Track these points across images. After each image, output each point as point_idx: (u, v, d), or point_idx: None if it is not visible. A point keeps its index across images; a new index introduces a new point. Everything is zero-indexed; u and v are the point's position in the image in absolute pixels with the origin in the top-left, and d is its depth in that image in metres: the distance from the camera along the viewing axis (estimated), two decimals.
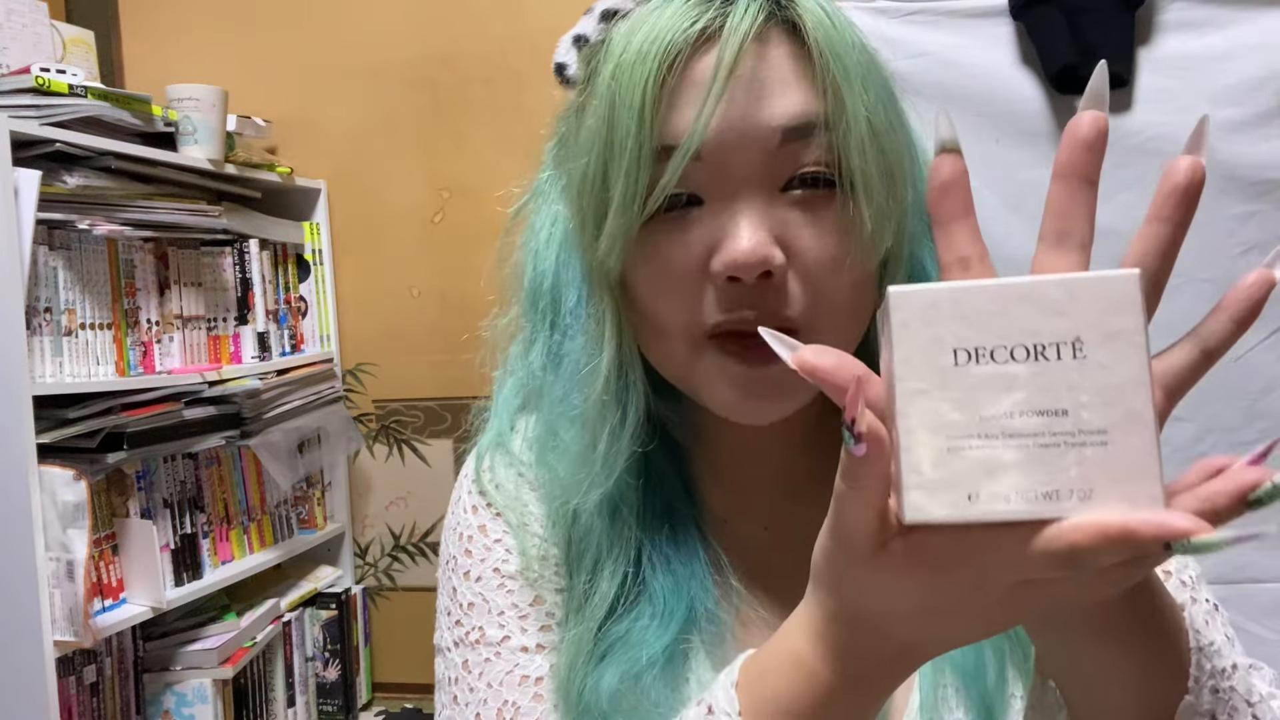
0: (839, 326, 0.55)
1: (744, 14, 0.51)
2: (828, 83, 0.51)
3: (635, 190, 0.52)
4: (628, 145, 0.51)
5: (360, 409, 2.24)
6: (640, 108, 0.51)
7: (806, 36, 0.51)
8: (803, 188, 0.52)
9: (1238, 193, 1.24)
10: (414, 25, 2.17)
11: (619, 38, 0.53)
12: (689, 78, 0.51)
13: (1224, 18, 1.27)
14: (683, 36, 0.51)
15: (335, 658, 2.15)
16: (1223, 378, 1.27)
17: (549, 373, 0.63)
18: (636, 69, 0.51)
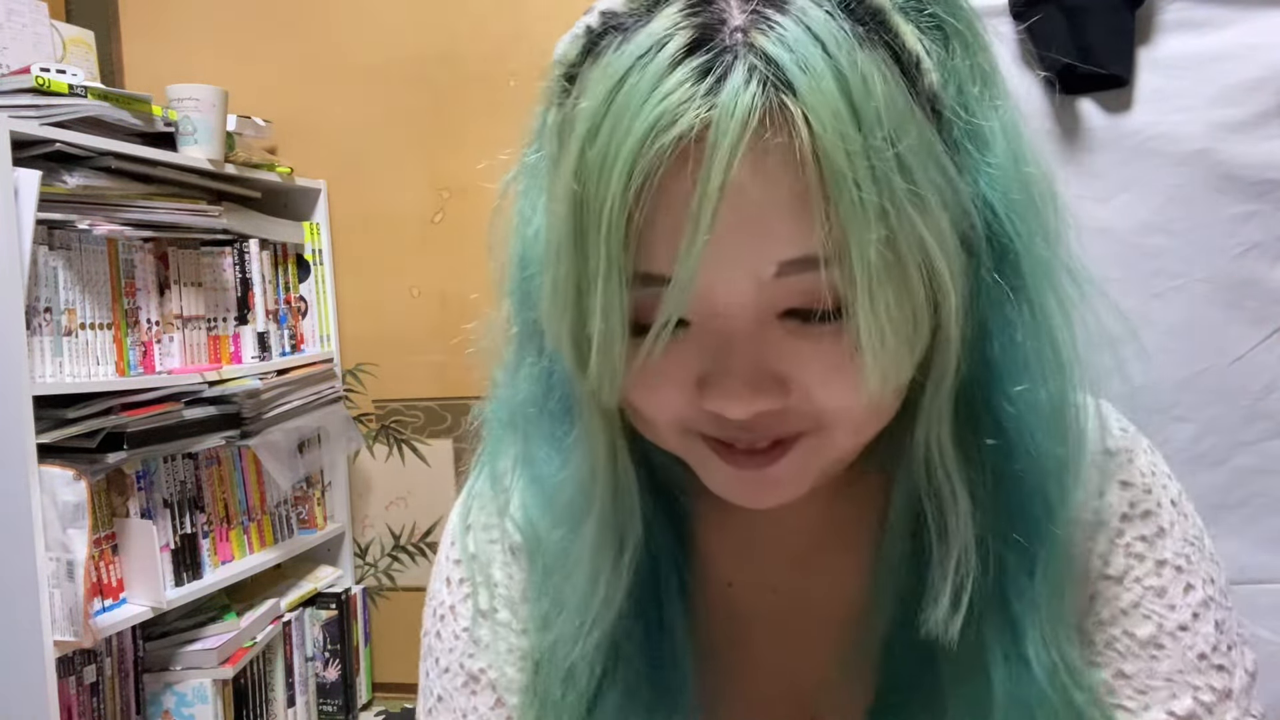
0: (858, 427, 0.48)
1: (734, 115, 0.40)
2: (831, 217, 0.41)
3: (618, 330, 0.44)
4: (598, 275, 0.43)
5: (360, 409, 2.24)
6: (608, 233, 0.42)
7: (809, 154, 0.40)
8: (802, 321, 0.44)
9: (1238, 193, 1.24)
10: (414, 25, 2.17)
11: (586, 109, 0.43)
12: (667, 194, 0.41)
13: (1224, 18, 1.27)
14: (655, 148, 0.41)
15: (335, 658, 2.15)
16: (1223, 378, 1.27)
17: (534, 407, 0.57)
18: (604, 180, 0.42)
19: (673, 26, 0.42)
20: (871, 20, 0.43)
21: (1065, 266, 0.50)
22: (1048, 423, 0.50)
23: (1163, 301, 1.21)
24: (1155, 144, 1.27)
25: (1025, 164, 0.48)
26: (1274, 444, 1.21)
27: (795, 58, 0.40)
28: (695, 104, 0.40)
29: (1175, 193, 1.23)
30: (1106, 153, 1.27)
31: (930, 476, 0.50)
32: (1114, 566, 0.54)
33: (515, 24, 2.10)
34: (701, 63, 0.41)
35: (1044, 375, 0.49)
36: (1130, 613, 0.53)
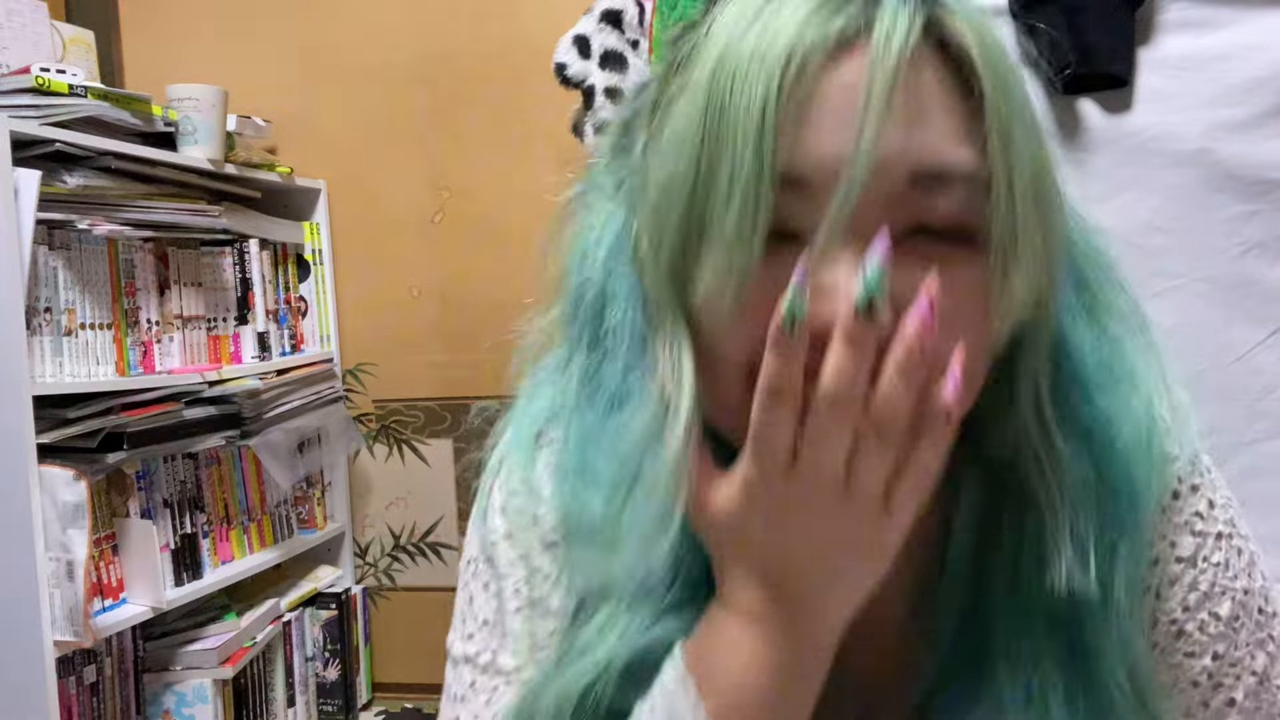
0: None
1: (894, 21, 0.41)
2: (993, 127, 0.42)
3: (754, 226, 0.42)
4: (741, 173, 0.41)
5: (360, 409, 2.24)
6: (759, 129, 0.41)
7: (972, 64, 0.42)
8: (929, 241, 0.43)
9: (1237, 193, 1.24)
10: (414, 25, 2.17)
11: (725, 23, 0.43)
12: (819, 93, 0.41)
13: (1224, 18, 1.26)
14: (816, 41, 0.41)
15: (335, 658, 2.15)
16: (1223, 378, 1.26)
17: (582, 399, 0.55)
18: (753, 75, 0.41)
19: None
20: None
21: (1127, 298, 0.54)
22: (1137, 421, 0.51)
23: (1163, 301, 1.20)
24: (1155, 144, 1.27)
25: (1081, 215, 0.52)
26: (1274, 444, 1.20)
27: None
28: (854, 6, 0.41)
29: (1175, 193, 1.23)
30: (1106, 153, 1.27)
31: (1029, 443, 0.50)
32: (1183, 548, 0.55)
33: (515, 24, 2.10)
34: None
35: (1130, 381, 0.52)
36: (1211, 594, 0.55)
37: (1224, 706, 0.55)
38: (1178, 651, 0.55)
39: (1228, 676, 0.55)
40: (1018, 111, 0.42)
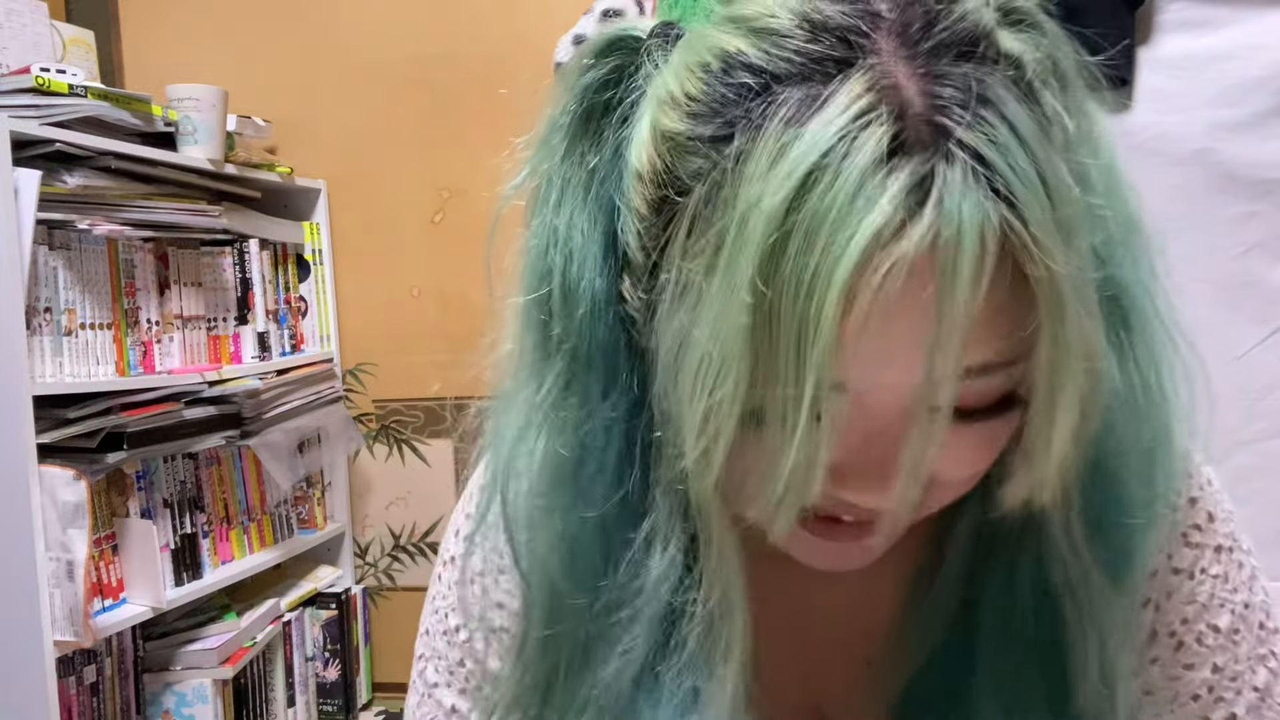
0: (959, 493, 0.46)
1: (971, 235, 0.36)
2: (1050, 336, 0.38)
3: (810, 470, 0.39)
4: (803, 393, 0.38)
5: (360, 409, 2.24)
6: (824, 353, 0.37)
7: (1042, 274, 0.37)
8: (959, 418, 0.41)
9: (1238, 193, 1.24)
10: (414, 25, 2.17)
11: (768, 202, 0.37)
12: (882, 309, 0.37)
13: (1224, 18, 1.26)
14: (879, 267, 0.36)
15: (335, 658, 2.15)
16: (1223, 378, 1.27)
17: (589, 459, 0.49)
18: (812, 295, 0.36)
19: (863, 114, 0.37)
20: (1039, 97, 0.40)
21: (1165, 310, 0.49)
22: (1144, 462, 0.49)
23: None
24: (1155, 144, 1.27)
25: (1124, 201, 0.46)
26: (1274, 444, 1.20)
27: (1009, 161, 0.37)
28: (923, 220, 0.36)
29: (1175, 193, 1.23)
30: None
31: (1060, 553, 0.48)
32: (1179, 559, 0.54)
33: (515, 24, 2.10)
34: (913, 168, 0.36)
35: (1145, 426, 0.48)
36: (1210, 606, 0.54)
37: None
38: (1177, 664, 0.54)
39: (1228, 690, 0.54)
40: (1074, 316, 0.38)
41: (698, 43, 0.43)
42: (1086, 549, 0.48)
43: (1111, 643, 0.49)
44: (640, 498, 0.48)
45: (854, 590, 0.56)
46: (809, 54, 0.39)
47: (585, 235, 0.47)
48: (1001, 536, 0.50)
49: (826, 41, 0.39)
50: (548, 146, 0.49)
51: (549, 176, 0.49)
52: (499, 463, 0.52)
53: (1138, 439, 0.48)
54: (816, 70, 0.38)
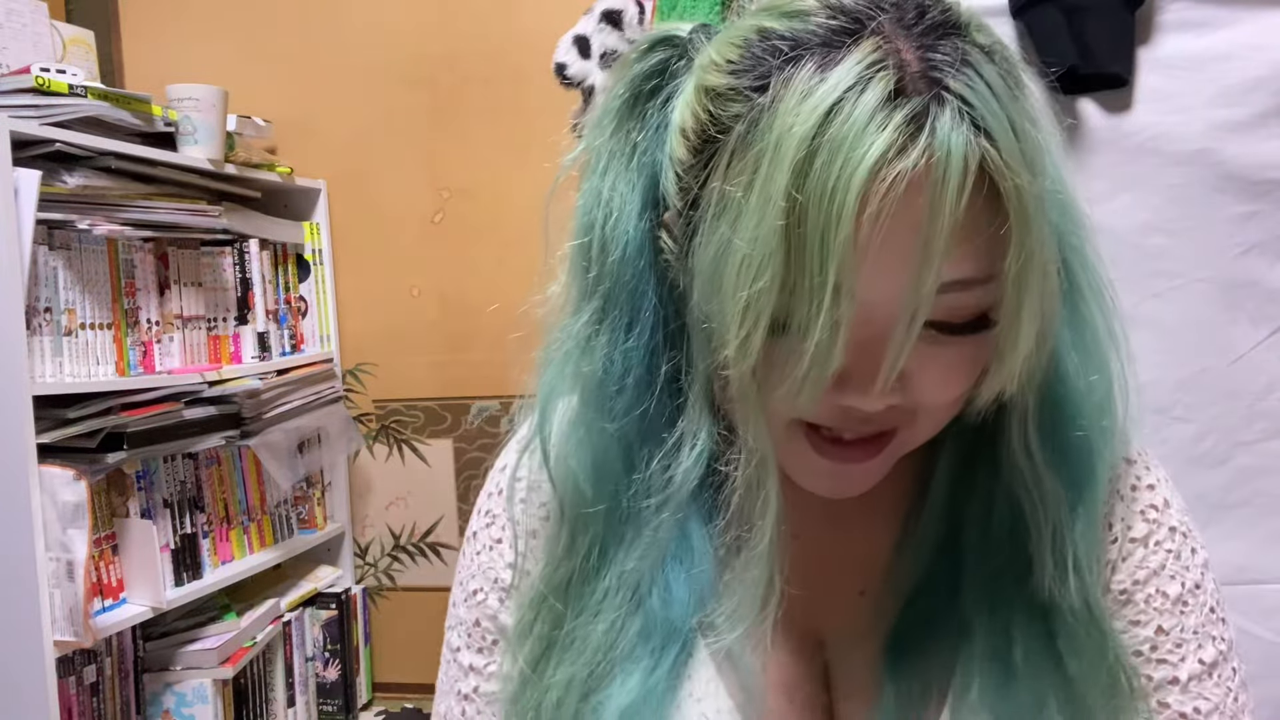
0: (942, 421, 0.55)
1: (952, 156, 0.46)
2: (1021, 242, 0.48)
3: (838, 337, 0.48)
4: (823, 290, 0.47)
5: (360, 409, 2.24)
6: (842, 252, 0.46)
7: (1011, 194, 0.47)
8: (938, 330, 0.50)
9: (1238, 193, 1.24)
10: (414, 25, 2.17)
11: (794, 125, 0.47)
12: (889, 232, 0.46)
13: (1224, 18, 1.26)
14: (885, 179, 0.45)
15: (335, 658, 2.15)
16: (1223, 378, 1.26)
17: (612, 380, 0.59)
18: (833, 204, 0.46)
19: (873, 64, 0.47)
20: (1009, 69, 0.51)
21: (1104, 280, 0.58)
22: (1095, 398, 0.58)
23: (1163, 301, 1.20)
24: (1155, 144, 1.27)
25: (1064, 188, 0.56)
26: (1274, 444, 1.20)
27: (986, 107, 0.47)
28: (919, 144, 0.46)
29: (1175, 193, 1.23)
30: (1106, 153, 1.27)
31: (1018, 460, 0.57)
32: (1136, 530, 0.62)
33: (515, 24, 2.10)
34: (912, 105, 0.46)
35: (1096, 362, 0.58)
36: (1160, 573, 0.61)
37: (1166, 683, 0.60)
38: (1123, 618, 0.61)
39: (1172, 654, 0.60)
40: (1041, 223, 0.48)
41: (735, 28, 0.53)
42: (1040, 454, 0.57)
43: (1067, 534, 0.57)
44: (659, 416, 0.58)
45: (848, 525, 0.64)
46: (829, 27, 0.49)
47: (623, 196, 0.57)
48: (977, 473, 0.59)
49: (843, 19, 0.49)
50: (599, 126, 0.59)
51: (598, 151, 0.59)
52: (543, 382, 0.61)
53: (1083, 367, 0.57)
54: (835, 38, 0.49)
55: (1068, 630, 0.57)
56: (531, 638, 0.62)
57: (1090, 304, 0.57)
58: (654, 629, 0.59)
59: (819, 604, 0.63)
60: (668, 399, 0.58)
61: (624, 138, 0.58)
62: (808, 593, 0.62)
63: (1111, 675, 0.57)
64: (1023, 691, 0.57)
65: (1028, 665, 0.57)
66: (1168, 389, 1.20)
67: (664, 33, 0.59)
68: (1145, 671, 0.60)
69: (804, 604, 0.62)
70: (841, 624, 0.63)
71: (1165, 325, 1.20)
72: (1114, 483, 0.62)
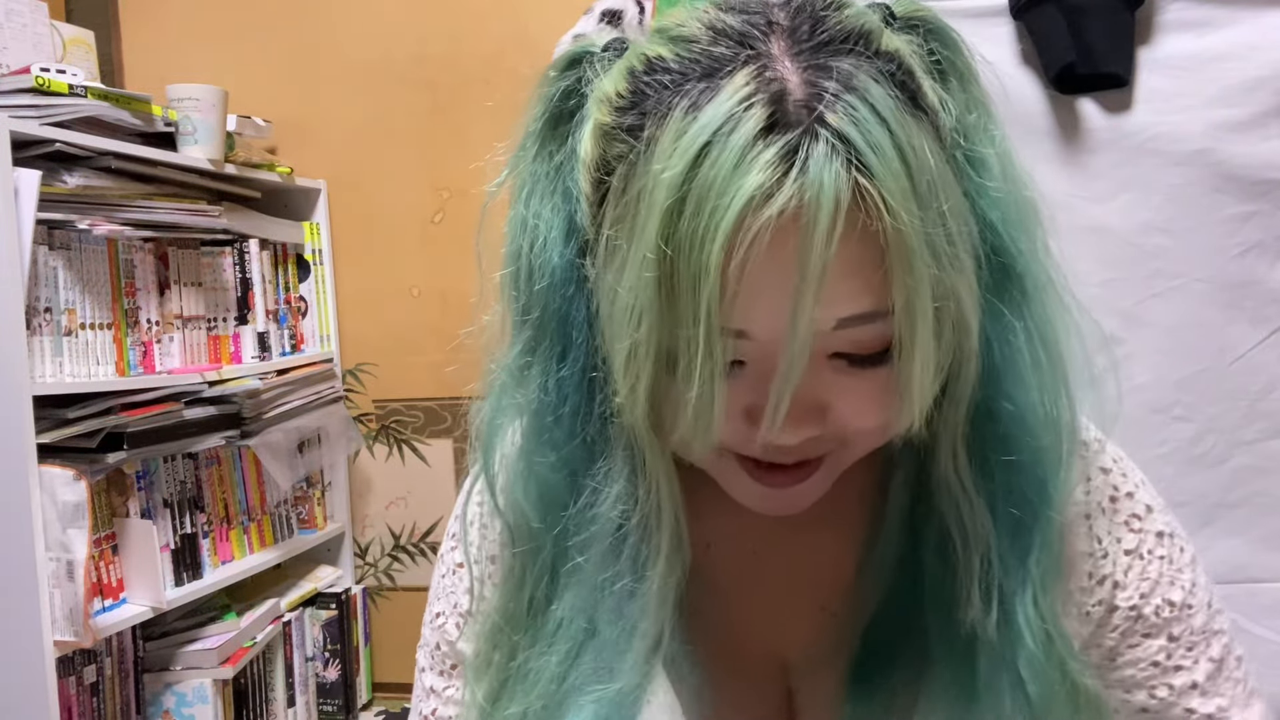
0: (875, 442, 0.53)
1: (823, 197, 0.43)
2: (902, 281, 0.45)
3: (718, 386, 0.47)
4: (697, 338, 0.45)
5: (360, 409, 2.24)
6: (710, 300, 0.45)
7: (889, 232, 0.44)
8: (849, 362, 0.49)
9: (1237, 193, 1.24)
10: (414, 25, 2.17)
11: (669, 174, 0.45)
12: (759, 264, 0.44)
13: (1224, 18, 1.26)
14: (753, 224, 0.43)
15: (335, 658, 2.15)
16: (1223, 378, 1.26)
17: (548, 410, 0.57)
18: (701, 251, 0.44)
19: (745, 99, 0.45)
20: (909, 83, 0.48)
21: (1054, 279, 0.55)
22: (1044, 419, 0.55)
23: (1163, 301, 1.20)
24: (1155, 144, 1.27)
25: (1019, 185, 0.53)
26: (1274, 444, 1.20)
27: (867, 140, 0.44)
28: (787, 186, 0.43)
29: (1175, 193, 1.22)
30: (1106, 153, 1.27)
31: (949, 487, 0.55)
32: (1127, 542, 0.61)
33: (515, 24, 2.10)
34: (784, 143, 0.44)
35: (1041, 377, 0.54)
36: (1161, 582, 0.60)
37: (1187, 689, 0.60)
38: (1136, 633, 0.60)
39: (1185, 659, 0.60)
40: (924, 259, 0.45)
41: (632, 52, 0.51)
42: (969, 479, 0.55)
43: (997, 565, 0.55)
44: (601, 444, 0.56)
45: (810, 543, 0.63)
46: (712, 55, 0.47)
47: (547, 221, 0.55)
48: (932, 490, 0.57)
49: (725, 44, 0.47)
50: (522, 150, 0.58)
51: (522, 175, 0.57)
52: (483, 417, 0.60)
53: (1026, 386, 0.54)
54: (716, 68, 0.46)
55: (1027, 655, 0.55)
56: (490, 669, 0.61)
57: (1035, 310, 0.54)
58: (607, 660, 0.57)
59: (782, 625, 0.62)
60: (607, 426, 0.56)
61: (546, 160, 0.57)
62: (770, 613, 0.62)
63: (1072, 698, 0.56)
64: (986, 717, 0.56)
65: (989, 693, 0.55)
66: (1167, 389, 1.20)
67: (579, 50, 0.57)
68: (1165, 681, 0.60)
69: (767, 625, 0.62)
70: (805, 646, 0.62)
71: (1165, 325, 1.20)
72: (1091, 496, 0.61)
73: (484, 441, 0.60)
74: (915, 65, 0.49)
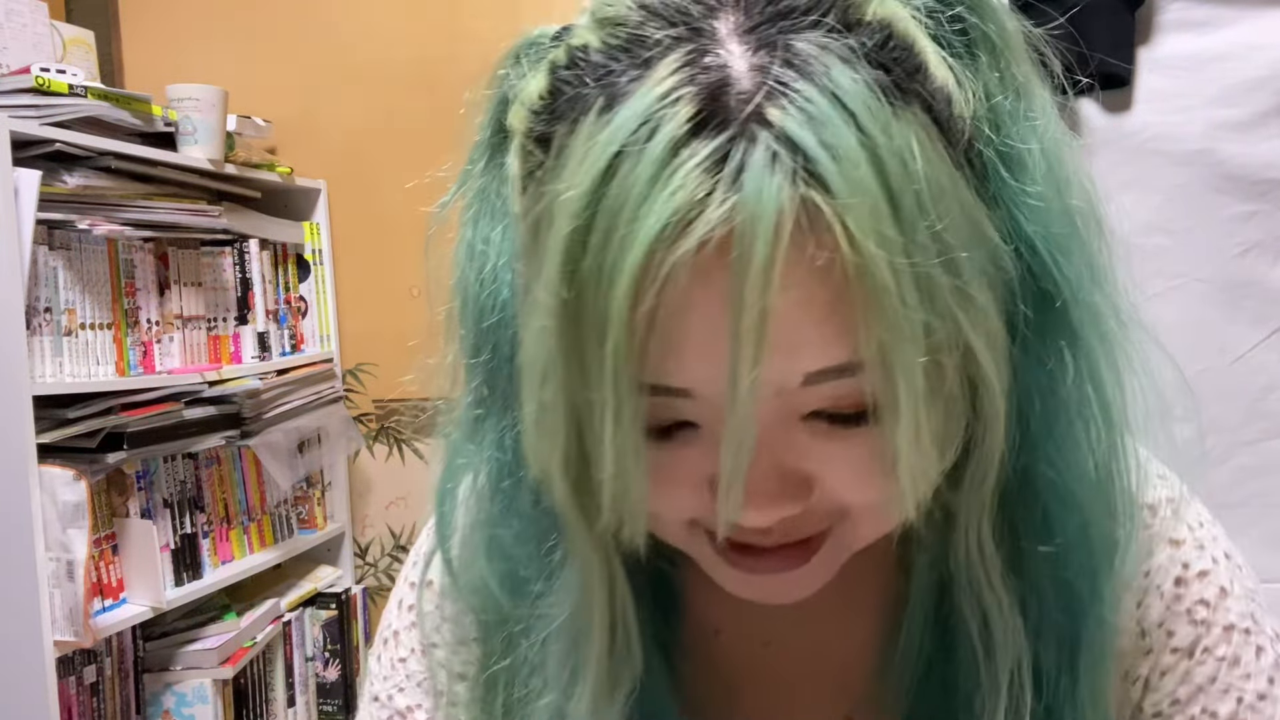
0: (885, 520, 0.42)
1: (760, 223, 0.33)
2: (870, 329, 0.34)
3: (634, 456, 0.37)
4: (605, 400, 0.36)
5: (360, 409, 2.24)
6: (614, 353, 0.35)
7: (849, 264, 0.33)
8: (829, 422, 0.38)
9: (1237, 193, 1.24)
10: (414, 25, 2.16)
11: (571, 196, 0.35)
12: (683, 307, 0.34)
13: (1224, 18, 1.26)
14: (666, 260, 0.33)
15: (335, 658, 2.15)
16: (1223, 378, 1.26)
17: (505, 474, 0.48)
18: (604, 293, 0.34)
19: (669, 93, 0.34)
20: (903, 62, 0.36)
21: (1114, 309, 0.43)
22: (1095, 490, 0.44)
23: (1163, 301, 1.20)
24: (1155, 144, 1.27)
25: (1069, 192, 0.41)
26: (1274, 444, 1.20)
27: (823, 141, 0.33)
28: (712, 207, 0.33)
29: (1175, 193, 1.23)
30: (1106, 153, 1.27)
31: (972, 584, 0.44)
32: (1180, 637, 0.48)
33: (515, 24, 2.09)
34: (713, 148, 0.34)
35: (1092, 437, 0.44)
36: (1207, 689, 0.48)
37: None
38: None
39: None
40: (901, 296, 0.34)
41: (563, 44, 0.40)
42: (998, 574, 0.43)
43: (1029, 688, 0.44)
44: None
45: (828, 633, 0.53)
46: (641, 39, 0.36)
47: (497, 247, 0.46)
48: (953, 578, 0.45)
49: (657, 24, 0.36)
50: (470, 163, 0.49)
51: (470, 192, 0.49)
52: (438, 476, 0.50)
53: (1073, 451, 0.43)
54: (645, 55, 0.36)
55: None
56: None
57: (1085, 351, 0.42)
58: None
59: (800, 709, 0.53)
60: None
61: (495, 173, 0.48)
62: (784, 713, 0.53)
63: None
64: None
65: None
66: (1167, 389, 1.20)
67: (524, 41, 0.48)
68: None
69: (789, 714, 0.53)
70: None
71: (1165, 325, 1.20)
72: (1151, 578, 0.48)
73: (439, 512, 0.50)
74: (916, 38, 0.37)
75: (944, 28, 0.39)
